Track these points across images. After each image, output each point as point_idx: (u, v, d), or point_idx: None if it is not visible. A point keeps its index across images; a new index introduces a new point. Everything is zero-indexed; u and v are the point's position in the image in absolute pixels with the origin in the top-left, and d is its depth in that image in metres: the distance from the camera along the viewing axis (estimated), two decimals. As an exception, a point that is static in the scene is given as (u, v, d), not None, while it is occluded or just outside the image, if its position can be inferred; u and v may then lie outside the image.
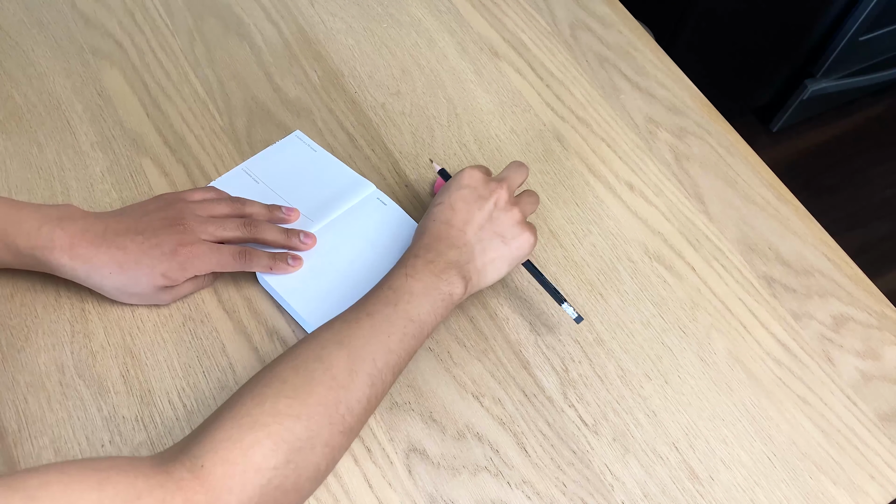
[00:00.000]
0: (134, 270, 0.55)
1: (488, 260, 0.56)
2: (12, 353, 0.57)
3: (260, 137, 0.69)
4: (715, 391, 0.59)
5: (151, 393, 0.56)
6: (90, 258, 0.54)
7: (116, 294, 0.57)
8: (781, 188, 0.70)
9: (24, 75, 0.71)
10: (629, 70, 0.76)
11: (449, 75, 0.74)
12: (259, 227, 0.59)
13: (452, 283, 0.53)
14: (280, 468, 0.42)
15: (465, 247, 0.55)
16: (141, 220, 0.56)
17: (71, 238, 0.53)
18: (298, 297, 0.58)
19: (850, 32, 1.43)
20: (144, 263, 0.55)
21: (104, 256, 0.54)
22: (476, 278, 0.55)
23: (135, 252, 0.54)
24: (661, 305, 0.62)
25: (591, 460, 0.55)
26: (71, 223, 0.54)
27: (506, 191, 0.57)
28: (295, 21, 0.77)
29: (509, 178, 0.59)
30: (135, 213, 0.57)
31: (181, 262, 0.55)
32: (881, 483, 0.56)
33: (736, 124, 0.75)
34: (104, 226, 0.55)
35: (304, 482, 0.44)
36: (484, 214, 0.56)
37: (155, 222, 0.56)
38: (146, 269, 0.55)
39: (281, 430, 0.43)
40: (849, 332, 0.62)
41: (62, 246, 0.53)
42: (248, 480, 0.41)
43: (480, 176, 0.58)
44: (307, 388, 0.45)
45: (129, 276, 0.55)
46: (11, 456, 0.53)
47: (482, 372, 0.58)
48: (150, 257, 0.55)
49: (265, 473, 0.42)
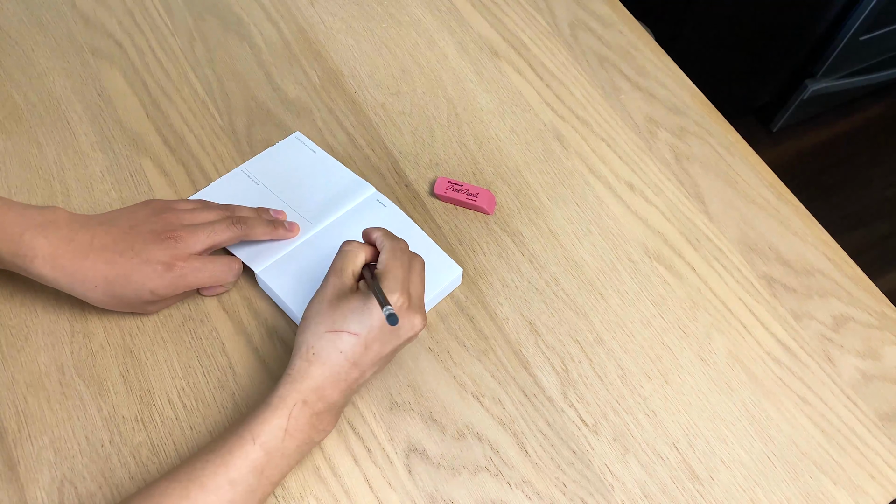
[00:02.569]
0: (122, 286, 0.53)
1: (371, 376, 0.51)
2: (12, 353, 0.57)
3: (260, 137, 0.69)
4: (715, 391, 0.59)
5: (151, 393, 0.56)
6: (74, 271, 0.52)
7: (101, 304, 0.55)
8: (781, 188, 0.70)
9: (24, 75, 0.71)
10: (629, 70, 0.76)
11: (449, 75, 0.74)
12: (248, 224, 0.58)
13: (326, 430, 0.50)
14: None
15: (358, 385, 0.51)
16: (130, 233, 0.54)
17: (54, 248, 0.51)
18: (298, 299, 0.58)
19: (850, 32, 1.43)
20: (134, 280, 0.53)
21: (89, 270, 0.52)
22: None
23: (124, 267, 0.53)
24: (661, 305, 0.62)
25: (591, 460, 0.55)
26: (55, 231, 0.52)
27: (421, 317, 0.51)
28: (295, 21, 0.77)
29: (412, 283, 0.51)
30: (122, 224, 0.55)
31: (172, 279, 0.54)
32: (881, 483, 0.56)
33: (736, 124, 0.75)
34: (90, 236, 0.53)
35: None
36: (393, 346, 0.50)
37: (145, 236, 0.54)
38: (135, 286, 0.53)
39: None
40: (849, 332, 0.62)
41: (44, 256, 0.51)
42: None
43: (402, 300, 0.49)
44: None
45: (115, 290, 0.53)
46: (11, 456, 0.53)
47: (482, 372, 0.58)
48: (140, 274, 0.53)
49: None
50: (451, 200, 0.66)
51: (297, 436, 0.48)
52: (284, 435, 0.47)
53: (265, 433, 0.47)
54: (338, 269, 0.52)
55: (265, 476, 0.47)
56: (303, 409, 0.48)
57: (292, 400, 0.48)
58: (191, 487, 0.44)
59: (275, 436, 0.47)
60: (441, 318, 0.60)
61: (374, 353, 0.49)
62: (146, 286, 0.53)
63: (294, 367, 0.49)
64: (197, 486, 0.45)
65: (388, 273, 0.50)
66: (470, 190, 0.65)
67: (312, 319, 0.50)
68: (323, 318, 0.50)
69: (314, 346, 0.49)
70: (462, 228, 0.65)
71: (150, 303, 0.56)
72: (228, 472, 0.45)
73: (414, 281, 0.51)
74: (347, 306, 0.49)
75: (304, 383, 0.48)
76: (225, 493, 0.45)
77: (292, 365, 0.49)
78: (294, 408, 0.48)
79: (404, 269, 0.50)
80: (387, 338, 0.49)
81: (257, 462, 0.46)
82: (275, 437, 0.47)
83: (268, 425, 0.47)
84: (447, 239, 0.64)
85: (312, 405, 0.48)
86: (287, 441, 0.47)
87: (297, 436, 0.48)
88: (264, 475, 0.46)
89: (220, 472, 0.45)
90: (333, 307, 0.50)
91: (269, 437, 0.47)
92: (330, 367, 0.49)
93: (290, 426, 0.47)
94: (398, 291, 0.49)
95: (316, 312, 0.50)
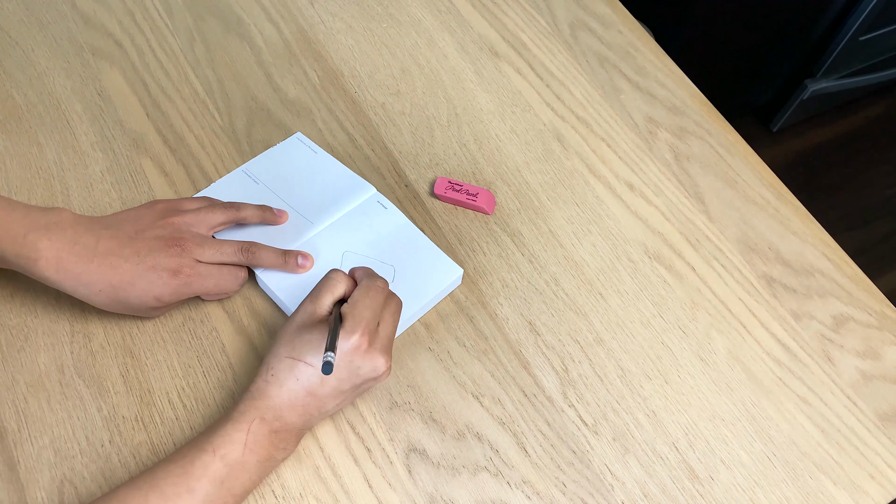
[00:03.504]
0: (126, 291, 0.53)
1: (334, 407, 0.51)
2: (12, 353, 0.57)
3: (260, 137, 0.69)
4: (715, 391, 0.59)
5: (151, 393, 0.56)
6: (78, 274, 0.52)
7: (104, 308, 0.54)
8: (781, 188, 0.70)
9: (24, 75, 0.71)
10: (629, 70, 0.76)
11: (449, 75, 0.74)
12: (257, 254, 0.57)
13: (287, 450, 0.50)
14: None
15: (321, 413, 0.51)
16: (135, 238, 0.54)
17: (58, 251, 0.51)
18: (298, 300, 0.58)
19: (850, 32, 1.43)
20: (139, 286, 0.53)
21: (94, 275, 0.52)
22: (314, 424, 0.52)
23: (129, 273, 0.52)
24: (661, 305, 0.62)
25: (591, 460, 0.55)
26: (59, 233, 0.52)
27: (385, 360, 0.50)
28: (295, 21, 0.77)
29: (383, 323, 0.51)
30: (128, 228, 0.54)
31: (177, 287, 0.54)
32: (881, 483, 0.56)
33: (736, 124, 0.75)
34: (95, 240, 0.52)
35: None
36: (353, 384, 0.50)
37: (151, 242, 0.54)
38: (139, 292, 0.53)
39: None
40: (849, 331, 0.62)
41: (48, 258, 0.51)
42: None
43: (362, 341, 0.49)
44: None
45: (120, 295, 0.53)
46: (11, 456, 0.53)
47: (482, 372, 0.58)
48: (145, 280, 0.53)
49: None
50: (450, 200, 0.66)
51: (256, 451, 0.48)
52: (244, 449, 0.47)
53: (225, 445, 0.47)
54: (315, 295, 0.52)
55: (225, 487, 0.47)
56: (261, 425, 0.48)
57: (251, 416, 0.48)
58: (150, 495, 0.45)
59: (234, 449, 0.47)
60: (441, 318, 0.60)
61: (330, 387, 0.49)
62: (151, 293, 0.53)
63: (255, 385, 0.50)
64: (156, 493, 0.45)
65: (354, 311, 0.50)
66: (470, 190, 0.65)
67: (279, 341, 0.51)
68: (286, 343, 0.50)
69: (274, 367, 0.50)
70: (462, 228, 0.65)
71: (154, 308, 0.55)
72: (188, 481, 0.46)
73: (385, 321, 0.51)
74: (309, 336, 0.50)
75: (262, 401, 0.49)
76: (184, 501, 0.45)
77: (254, 382, 0.50)
78: (253, 423, 0.48)
79: (373, 308, 0.50)
80: (344, 374, 0.49)
81: (217, 473, 0.46)
82: (234, 450, 0.47)
83: (228, 437, 0.47)
84: (447, 239, 0.64)
85: (270, 423, 0.49)
86: (247, 455, 0.47)
87: (258, 451, 0.48)
88: (224, 486, 0.47)
89: (180, 481, 0.45)
90: (298, 334, 0.50)
91: (229, 450, 0.47)
92: (287, 392, 0.49)
93: (249, 440, 0.48)
94: (359, 332, 0.49)
95: (283, 334, 0.51)
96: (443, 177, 0.66)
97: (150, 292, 0.53)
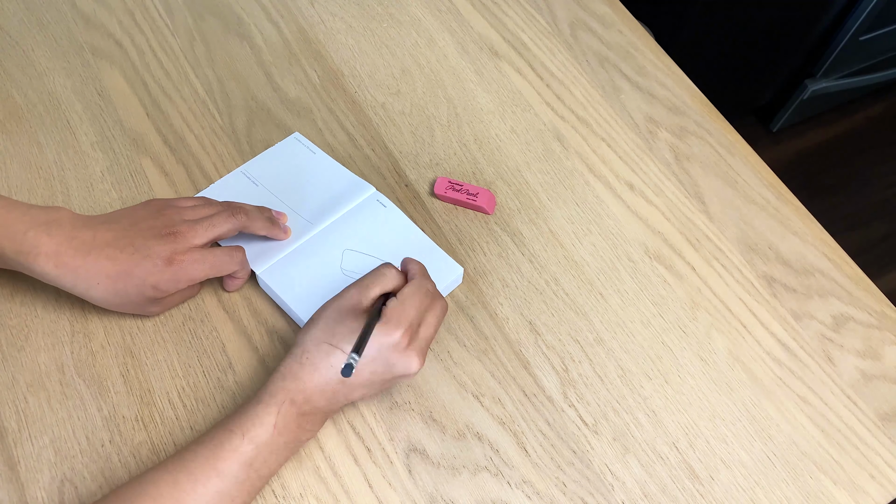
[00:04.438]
0: (124, 282, 0.53)
1: (359, 396, 0.52)
2: (12, 353, 0.57)
3: (260, 137, 0.69)
4: (715, 391, 0.59)
5: (151, 393, 0.56)
6: (77, 268, 0.52)
7: (104, 303, 0.55)
8: (781, 188, 0.70)
9: (24, 75, 0.71)
10: (629, 70, 0.76)
11: (449, 75, 0.74)
12: (248, 215, 0.58)
13: (312, 431, 0.51)
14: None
15: (348, 399, 0.51)
16: (131, 230, 0.54)
17: (57, 246, 0.52)
18: (298, 299, 0.58)
19: (850, 32, 1.43)
20: (135, 275, 0.53)
21: (92, 267, 0.52)
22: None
23: (125, 263, 0.53)
24: (661, 305, 0.62)
25: (591, 460, 0.55)
26: (59, 229, 0.52)
27: (420, 361, 0.50)
28: (295, 21, 0.77)
29: (424, 323, 0.51)
30: (124, 222, 0.55)
31: (174, 273, 0.54)
32: (881, 483, 0.56)
33: (736, 124, 0.75)
34: (93, 234, 0.53)
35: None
36: (384, 378, 0.51)
37: (146, 232, 0.54)
38: (137, 281, 0.53)
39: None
40: (849, 331, 0.62)
41: (47, 253, 0.51)
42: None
43: (403, 340, 0.49)
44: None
45: (118, 287, 0.53)
46: (11, 456, 0.53)
47: (482, 372, 0.58)
48: (141, 269, 0.53)
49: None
50: (451, 200, 0.66)
51: (285, 433, 0.48)
52: (273, 430, 0.48)
53: (254, 427, 0.48)
54: (364, 285, 0.52)
55: (254, 469, 0.47)
56: (290, 407, 0.49)
57: (281, 398, 0.49)
58: (180, 477, 0.46)
59: (263, 431, 0.48)
60: (441, 318, 0.60)
61: (363, 378, 0.50)
62: (147, 281, 0.54)
63: (286, 366, 0.50)
64: (186, 475, 0.46)
65: (401, 307, 0.50)
66: (470, 190, 0.65)
67: (317, 325, 0.51)
68: (325, 328, 0.50)
69: (309, 351, 0.50)
70: (462, 228, 0.65)
71: (153, 301, 0.56)
72: (217, 463, 0.46)
73: (427, 323, 0.52)
74: (352, 325, 0.50)
75: (293, 384, 0.49)
76: (214, 484, 0.46)
77: (285, 363, 0.50)
78: (283, 405, 0.48)
79: (419, 308, 0.51)
80: (379, 368, 0.50)
81: (246, 455, 0.47)
82: (263, 431, 0.48)
83: (258, 419, 0.48)
84: (447, 239, 0.64)
85: (299, 406, 0.49)
86: (275, 437, 0.48)
87: (286, 433, 0.49)
88: (253, 468, 0.47)
89: (208, 463, 0.46)
90: (339, 321, 0.50)
91: (258, 432, 0.47)
92: (319, 377, 0.49)
93: (279, 422, 0.48)
94: (402, 329, 0.49)
95: (323, 318, 0.51)
96: (443, 177, 0.66)
97: (147, 280, 0.53)
